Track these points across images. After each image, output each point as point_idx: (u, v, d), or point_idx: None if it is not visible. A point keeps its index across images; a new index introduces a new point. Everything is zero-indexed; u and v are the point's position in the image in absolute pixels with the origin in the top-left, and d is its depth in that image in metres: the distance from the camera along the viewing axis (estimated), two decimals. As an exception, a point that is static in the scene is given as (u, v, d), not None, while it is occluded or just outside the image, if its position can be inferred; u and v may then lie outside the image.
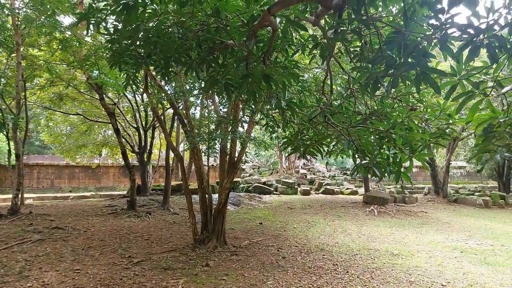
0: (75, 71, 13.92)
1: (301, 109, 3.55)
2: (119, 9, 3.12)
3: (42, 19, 10.88)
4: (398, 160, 2.86)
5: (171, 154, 14.17)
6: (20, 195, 10.35)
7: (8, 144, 10.73)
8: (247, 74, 3.54)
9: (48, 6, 10.51)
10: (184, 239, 7.62)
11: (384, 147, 3.29)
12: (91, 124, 18.19)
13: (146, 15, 3.38)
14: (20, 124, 10.36)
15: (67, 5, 11.12)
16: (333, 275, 5.32)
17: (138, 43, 3.96)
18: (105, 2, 3.94)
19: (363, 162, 2.87)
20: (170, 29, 3.75)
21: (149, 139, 15.78)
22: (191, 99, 9.55)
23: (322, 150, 4.00)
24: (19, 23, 10.81)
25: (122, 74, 11.41)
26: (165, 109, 13.93)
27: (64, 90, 14.95)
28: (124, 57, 4.24)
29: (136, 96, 15.98)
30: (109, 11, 3.44)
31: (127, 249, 6.53)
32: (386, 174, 3.12)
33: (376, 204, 13.52)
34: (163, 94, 8.82)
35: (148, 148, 15.71)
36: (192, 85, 8.84)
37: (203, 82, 5.08)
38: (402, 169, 3.06)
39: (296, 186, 19.13)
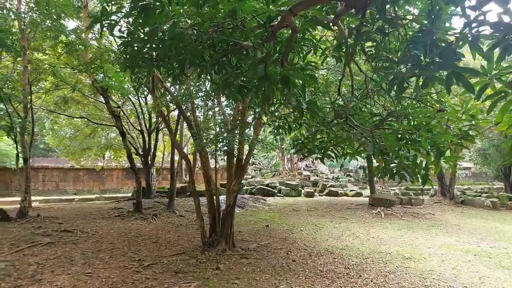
0: (79, 74, 13.96)
1: (321, 110, 3.50)
2: (136, 11, 3.10)
3: (47, 23, 10.91)
4: (423, 163, 2.80)
5: (176, 157, 14.18)
6: (28, 198, 10.32)
7: (16, 147, 10.71)
8: (265, 76, 3.50)
9: (53, 10, 10.52)
10: (192, 241, 7.57)
11: (402, 149, 3.24)
12: (95, 127, 18.19)
13: (163, 18, 3.34)
14: (27, 127, 10.35)
15: (72, 9, 11.16)
16: (346, 279, 5.26)
17: (152, 45, 3.94)
18: (117, 5, 3.91)
19: (392, 165, 2.81)
20: (185, 31, 3.72)
21: (153, 142, 15.77)
22: (197, 101, 9.52)
23: (338, 153, 3.95)
24: (24, 27, 10.82)
25: (127, 77, 11.45)
26: (170, 111, 13.92)
27: (69, 93, 14.98)
28: (137, 60, 4.20)
29: (140, 99, 15.97)
30: (124, 14, 3.42)
31: (137, 252, 6.48)
32: (407, 177, 3.06)
33: (383, 206, 13.44)
34: (168, 97, 8.82)
35: (152, 150, 15.69)
36: (197, 88, 8.83)
37: (214, 84, 5.03)
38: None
39: (299, 188, 19.07)
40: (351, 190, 20.46)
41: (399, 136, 3.38)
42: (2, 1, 11.04)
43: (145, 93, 14.32)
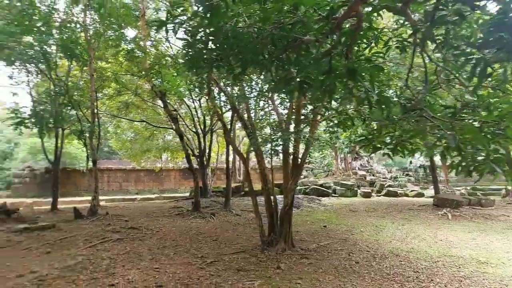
0: (138, 80, 14.81)
1: (392, 103, 3.31)
2: (202, 11, 3.16)
3: (109, 33, 11.67)
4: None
5: (230, 157, 14.46)
6: (96, 198, 11.14)
7: (86, 150, 11.60)
8: (330, 69, 3.39)
9: (115, 20, 11.21)
10: (250, 240, 7.62)
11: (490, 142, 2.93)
12: (154, 130, 19.14)
13: (227, 17, 3.37)
14: (95, 131, 11.18)
15: (132, 18, 11.82)
16: (417, 283, 4.94)
17: (215, 45, 4.00)
18: (182, 8, 4.03)
19: (479, 158, 2.56)
20: (247, 30, 3.72)
21: (207, 143, 16.21)
22: (250, 101, 9.58)
23: (408, 148, 3.71)
24: (89, 38, 11.64)
25: (182, 81, 11.91)
26: (224, 112, 14.22)
27: (130, 98, 15.93)
28: (199, 61, 4.29)
29: (195, 102, 16.49)
30: (189, 15, 3.51)
31: (199, 249, 6.67)
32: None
33: (449, 207, 12.50)
34: (223, 98, 8.98)
35: (207, 151, 16.14)
36: (250, 88, 8.89)
37: (272, 82, 4.99)
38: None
39: (355, 188, 18.44)
40: (411, 190, 19.37)
41: (482, 128, 3.08)
42: (69, 15, 11.97)
43: (200, 95, 14.73)
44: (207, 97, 14.68)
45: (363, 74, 3.54)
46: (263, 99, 9.25)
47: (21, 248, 6.90)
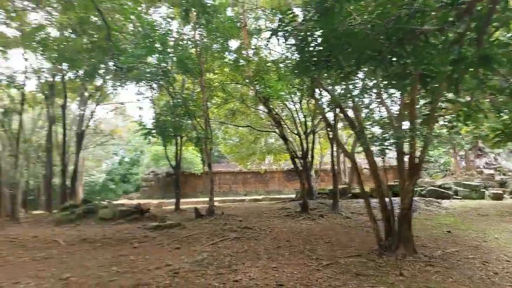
0: (241, 88, 15.67)
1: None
2: (316, 14, 3.20)
3: (214, 46, 12.62)
4: None
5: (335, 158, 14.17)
6: (212, 199, 12.14)
7: (201, 155, 12.74)
8: (459, 59, 3.07)
9: (220, 34, 12.07)
10: (365, 244, 7.32)
11: None
12: (257, 134, 20.00)
13: (341, 17, 3.35)
14: (210, 138, 12.23)
15: (236, 30, 12.56)
16: None
17: (325, 47, 4.00)
18: (292, 15, 4.14)
19: None
20: (359, 27, 3.63)
21: (309, 144, 16.18)
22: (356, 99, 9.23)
23: None
24: (199, 52, 12.74)
25: (283, 85, 12.18)
26: (326, 112, 14.02)
27: (235, 106, 16.98)
28: (308, 64, 4.34)
29: (295, 104, 16.64)
30: (300, 21, 3.59)
31: (313, 251, 6.70)
32: None
33: None
34: (327, 98, 8.84)
35: (310, 152, 16.11)
36: (353, 85, 8.56)
37: (386, 78, 4.73)
38: None
39: (482, 189, 16.14)
40: (557, 191, 16.08)
41: None
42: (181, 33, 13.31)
43: (302, 97, 14.81)
44: (307, 99, 14.76)
45: (499, 61, 3.11)
46: (369, 96, 8.81)
47: (155, 243, 7.93)
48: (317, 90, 9.14)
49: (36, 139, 19.32)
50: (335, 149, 13.90)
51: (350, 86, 8.46)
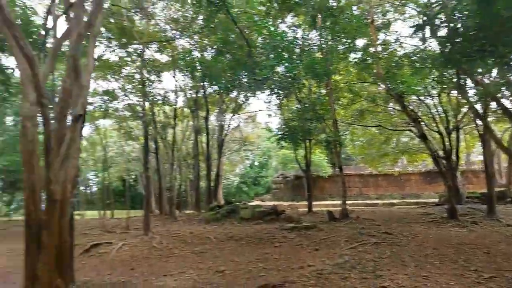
0: (368, 86, 14.98)
1: None
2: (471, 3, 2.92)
3: (339, 47, 12.41)
4: None
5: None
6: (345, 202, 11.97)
7: (331, 158, 12.74)
8: None
9: (345, 34, 11.83)
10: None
11: None
12: (389, 134, 18.75)
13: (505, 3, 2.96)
14: (339, 140, 12.14)
15: (364, 28, 12.12)
16: None
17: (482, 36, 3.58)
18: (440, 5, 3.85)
19: None
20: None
21: (453, 142, 14.29)
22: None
23: None
24: (325, 55, 12.69)
25: (419, 80, 11.13)
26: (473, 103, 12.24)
27: (363, 105, 16.35)
28: (462, 55, 3.94)
29: (434, 99, 15.01)
30: (457, 9, 3.31)
31: (469, 261, 5.96)
32: None
33: None
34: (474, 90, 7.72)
35: (455, 151, 14.23)
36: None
37: None
38: None
39: None
40: None
41: None
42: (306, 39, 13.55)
43: (443, 91, 13.29)
44: (448, 92, 13.13)
45: None
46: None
47: (294, 244, 8.29)
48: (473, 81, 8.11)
49: (185, 148, 22.64)
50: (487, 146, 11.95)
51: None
